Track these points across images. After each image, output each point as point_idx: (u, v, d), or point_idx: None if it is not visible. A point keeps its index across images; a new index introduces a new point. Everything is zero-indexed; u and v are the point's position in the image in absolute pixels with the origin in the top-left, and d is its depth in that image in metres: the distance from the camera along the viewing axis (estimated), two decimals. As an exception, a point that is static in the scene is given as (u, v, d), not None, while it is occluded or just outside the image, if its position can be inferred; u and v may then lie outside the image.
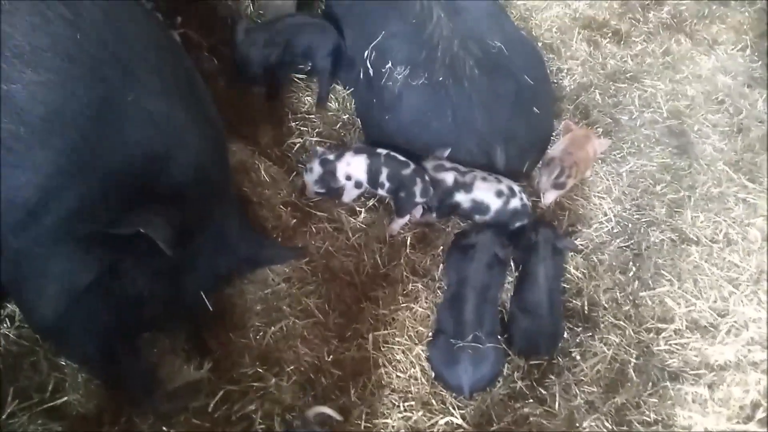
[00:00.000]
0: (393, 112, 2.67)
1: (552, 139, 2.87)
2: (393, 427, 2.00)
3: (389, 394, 2.09)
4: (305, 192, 2.61)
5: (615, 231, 2.63)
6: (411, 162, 2.49)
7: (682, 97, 3.21)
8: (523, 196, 2.51)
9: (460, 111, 2.57)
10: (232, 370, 2.06)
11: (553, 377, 2.16)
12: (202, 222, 1.93)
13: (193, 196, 1.87)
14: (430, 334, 2.22)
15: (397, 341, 2.22)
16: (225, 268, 2.09)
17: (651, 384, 2.12)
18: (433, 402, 2.08)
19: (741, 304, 2.34)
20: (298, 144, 2.84)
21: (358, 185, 2.56)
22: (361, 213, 2.61)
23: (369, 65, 2.73)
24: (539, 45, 3.40)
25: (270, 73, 2.93)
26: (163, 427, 1.88)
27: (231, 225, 2.07)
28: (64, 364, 1.99)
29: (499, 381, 2.15)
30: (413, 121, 2.64)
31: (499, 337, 2.17)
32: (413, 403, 2.07)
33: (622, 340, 2.25)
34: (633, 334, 2.27)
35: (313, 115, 2.99)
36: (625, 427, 2.02)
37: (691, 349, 2.21)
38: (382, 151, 2.52)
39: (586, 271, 2.48)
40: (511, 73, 2.70)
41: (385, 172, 2.48)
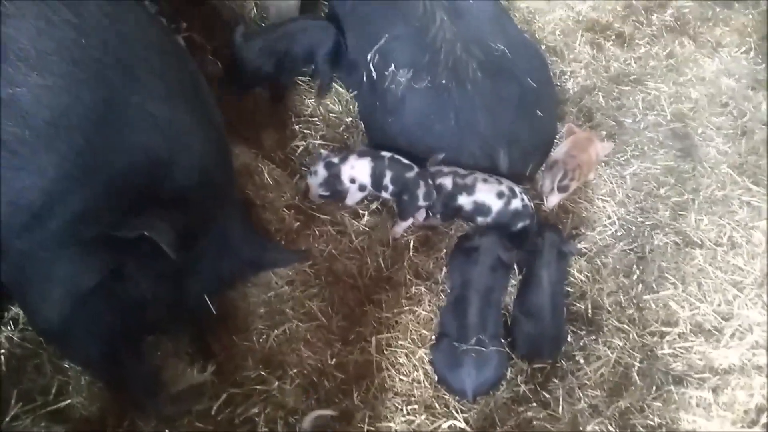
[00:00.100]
0: (396, 115, 2.67)
1: (555, 142, 2.87)
2: (396, 430, 2.00)
3: (392, 398, 2.09)
4: (309, 195, 2.61)
5: (619, 234, 2.63)
6: (414, 165, 2.50)
7: (685, 100, 3.21)
8: (524, 197, 2.50)
9: (463, 114, 2.57)
10: (235, 374, 2.06)
11: (556, 381, 2.16)
12: (206, 225, 1.93)
13: (196, 200, 1.87)
14: (434, 337, 2.22)
15: (400, 344, 2.22)
16: (228, 271, 2.08)
17: (655, 388, 2.11)
18: (437, 405, 2.08)
19: (745, 308, 2.33)
20: (302, 147, 2.84)
21: (361, 188, 2.56)
22: (364, 216, 2.61)
23: (372, 68, 2.73)
24: (542, 48, 3.40)
25: (272, 77, 2.94)
26: (167, 430, 1.88)
27: (234, 228, 2.07)
28: (67, 366, 1.99)
29: (502, 384, 2.15)
30: (416, 124, 2.64)
31: (502, 340, 2.17)
32: (416, 406, 2.07)
33: (625, 344, 2.25)
34: (637, 338, 2.27)
35: (316, 118, 3.00)
36: (629, 431, 2.01)
37: (695, 353, 2.21)
38: (386, 154, 2.52)
39: (589, 275, 2.47)
40: (514, 76, 2.69)
41: (388, 175, 2.49)
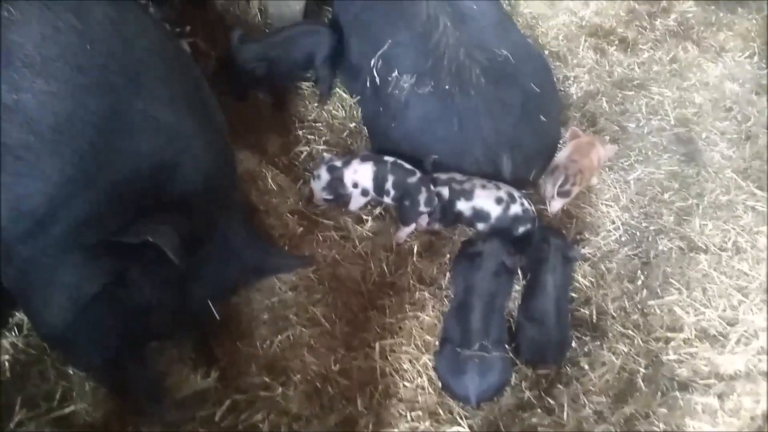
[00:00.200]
0: (399, 120, 2.67)
1: (559, 146, 2.86)
2: (400, 437, 1.99)
3: (396, 404, 2.08)
4: (312, 200, 2.61)
5: (623, 239, 2.62)
6: (417, 171, 2.49)
7: (689, 105, 3.20)
8: (524, 202, 2.49)
9: (466, 119, 2.57)
10: (238, 379, 2.05)
11: (561, 387, 2.14)
12: (209, 230, 1.93)
13: (200, 205, 1.88)
14: (437, 343, 2.21)
15: (404, 350, 2.20)
16: (232, 276, 2.09)
17: (660, 394, 2.10)
18: (441, 412, 2.07)
19: (750, 313, 2.32)
20: (305, 152, 2.85)
21: (364, 193, 2.56)
22: (367, 221, 2.60)
23: (375, 74, 2.73)
24: (546, 53, 3.40)
25: (269, 82, 2.94)
26: (170, 436, 1.88)
27: (238, 233, 2.07)
28: (71, 373, 1.98)
29: (506, 391, 2.13)
30: (419, 130, 2.64)
31: (506, 346, 2.16)
32: (420, 413, 2.05)
33: (630, 350, 2.23)
34: (642, 344, 2.25)
35: (320, 123, 3.00)
36: (634, 438, 2.00)
37: (700, 359, 2.19)
38: (389, 159, 2.52)
39: (594, 280, 2.46)
40: (517, 81, 2.70)
41: (390, 180, 2.49)
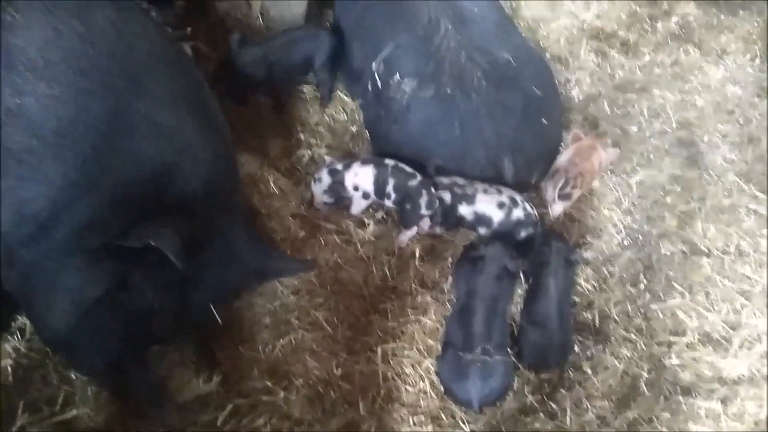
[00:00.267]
0: (401, 123, 2.67)
1: (561, 149, 2.86)
2: (402, 441, 1.99)
3: (398, 408, 2.07)
4: (314, 203, 2.61)
5: (625, 243, 2.60)
6: (418, 174, 2.49)
7: (691, 108, 3.19)
8: (526, 206, 2.49)
9: (467, 122, 2.57)
10: (240, 384, 2.05)
11: (564, 391, 2.14)
12: (211, 234, 1.93)
13: (202, 208, 1.87)
14: (440, 347, 2.21)
15: (406, 355, 2.20)
16: (234, 280, 2.09)
17: (663, 398, 2.09)
18: (443, 416, 2.06)
19: (753, 317, 2.30)
20: (307, 156, 2.84)
21: (365, 196, 2.56)
22: (369, 225, 2.60)
23: (377, 77, 2.74)
24: (547, 56, 3.39)
25: (268, 85, 2.95)
26: (173, 440, 1.87)
27: (240, 237, 2.07)
28: (74, 377, 1.99)
29: (509, 395, 2.13)
30: (421, 133, 2.64)
31: (508, 350, 2.15)
32: (423, 417, 2.05)
33: (633, 354, 2.22)
34: (644, 348, 2.24)
35: (322, 127, 3.00)
36: (637, 442, 2.00)
37: (703, 363, 2.18)
38: (390, 162, 2.52)
39: (596, 284, 2.45)
40: (518, 84, 2.69)
41: (391, 183, 2.48)
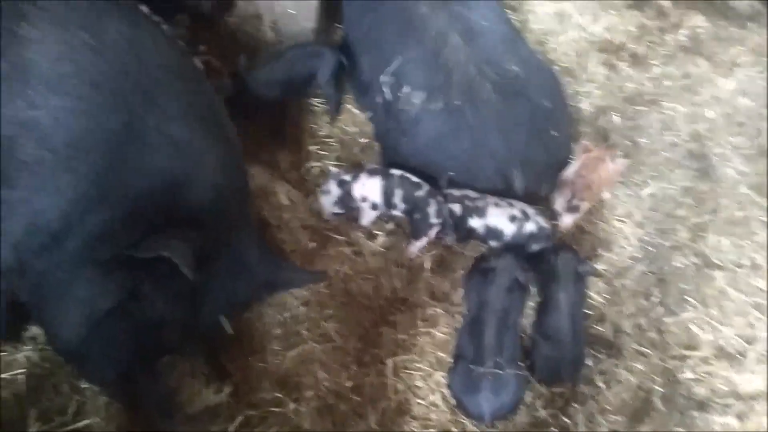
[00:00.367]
0: (411, 136, 2.67)
1: (570, 161, 2.85)
2: (413, 455, 1.97)
3: (409, 421, 2.06)
4: (324, 215, 2.61)
5: (637, 255, 2.59)
6: (424, 183, 2.49)
7: (702, 120, 3.17)
8: (538, 219, 2.48)
9: (477, 135, 2.57)
10: (250, 395, 2.04)
11: (576, 406, 2.12)
12: (222, 245, 1.94)
13: (212, 220, 1.88)
14: (450, 359, 2.19)
15: (417, 367, 2.19)
16: (244, 291, 2.08)
17: (678, 413, 2.07)
18: (454, 430, 2.05)
19: (768, 331, 2.28)
20: (317, 168, 2.85)
21: (373, 207, 2.55)
22: (379, 236, 2.59)
23: (386, 90, 2.75)
24: (556, 68, 3.39)
25: (278, 103, 2.97)
26: (182, 452, 1.86)
27: (250, 248, 2.07)
28: (85, 387, 1.98)
29: (521, 409, 2.11)
30: (431, 146, 2.64)
31: (520, 363, 2.13)
32: (433, 430, 2.04)
33: (646, 368, 2.20)
34: (658, 362, 2.22)
35: (332, 139, 3.01)
36: (651, 458, 1.97)
37: (718, 378, 2.16)
38: (396, 172, 2.52)
39: (608, 297, 2.43)
40: (528, 96, 2.69)
41: (399, 194, 2.48)
